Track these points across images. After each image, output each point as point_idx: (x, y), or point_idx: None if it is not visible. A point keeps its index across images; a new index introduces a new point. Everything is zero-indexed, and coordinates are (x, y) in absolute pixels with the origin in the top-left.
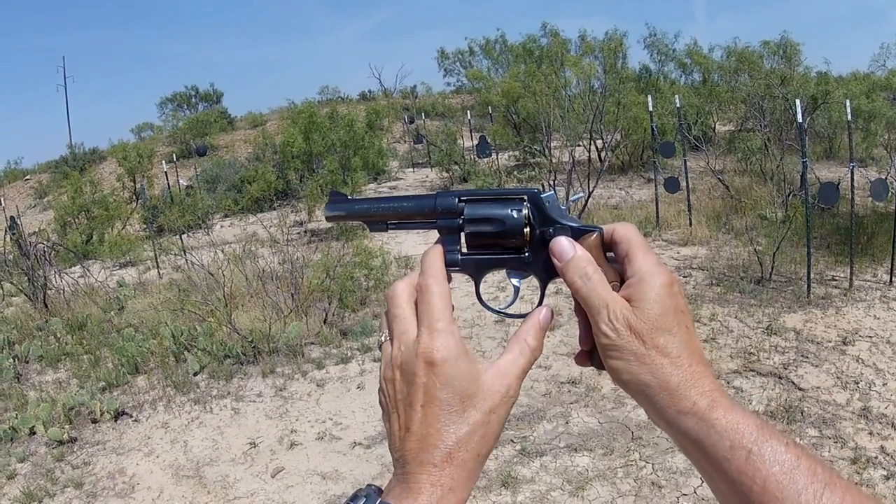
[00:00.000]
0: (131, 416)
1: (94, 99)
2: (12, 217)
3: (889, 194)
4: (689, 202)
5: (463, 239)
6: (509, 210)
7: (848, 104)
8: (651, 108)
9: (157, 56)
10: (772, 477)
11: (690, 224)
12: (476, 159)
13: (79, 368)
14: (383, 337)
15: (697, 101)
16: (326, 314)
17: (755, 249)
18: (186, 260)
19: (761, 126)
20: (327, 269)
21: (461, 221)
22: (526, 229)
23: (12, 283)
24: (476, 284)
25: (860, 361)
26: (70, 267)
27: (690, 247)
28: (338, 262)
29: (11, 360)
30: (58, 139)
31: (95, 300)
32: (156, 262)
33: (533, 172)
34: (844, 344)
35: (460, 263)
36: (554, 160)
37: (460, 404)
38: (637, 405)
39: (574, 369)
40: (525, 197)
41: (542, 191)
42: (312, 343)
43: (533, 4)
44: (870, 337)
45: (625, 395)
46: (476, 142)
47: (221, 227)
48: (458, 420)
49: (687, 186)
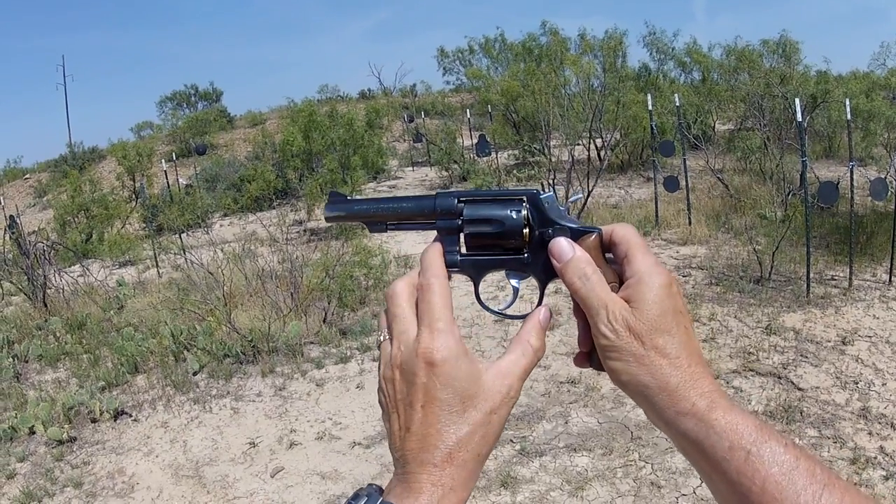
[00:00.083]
0: (131, 416)
1: (94, 98)
2: (12, 216)
3: (888, 193)
4: (689, 201)
5: (462, 239)
6: (508, 211)
7: (847, 103)
8: (650, 107)
9: (157, 55)
10: (771, 478)
11: (690, 223)
12: (475, 158)
13: (78, 368)
14: (382, 336)
15: (697, 100)
16: (326, 313)
17: (754, 249)
18: (186, 259)
19: (761, 125)
20: (327, 269)
21: (460, 222)
22: (525, 230)
23: (12, 283)
24: (475, 285)
25: (859, 361)
26: (69, 266)
27: (690, 246)
28: (337, 262)
29: (11, 360)
30: (57, 138)
31: (95, 299)
32: (155, 262)
33: (532, 171)
34: (844, 344)
35: (459, 264)
36: (553, 159)
37: (461, 404)
38: (636, 405)
39: (573, 369)
40: (524, 198)
41: (542, 191)
42: (312, 342)
43: (533, 4)
44: (869, 337)
45: (624, 395)
46: (475, 141)
47: (221, 227)
48: (459, 420)
49: (686, 185)
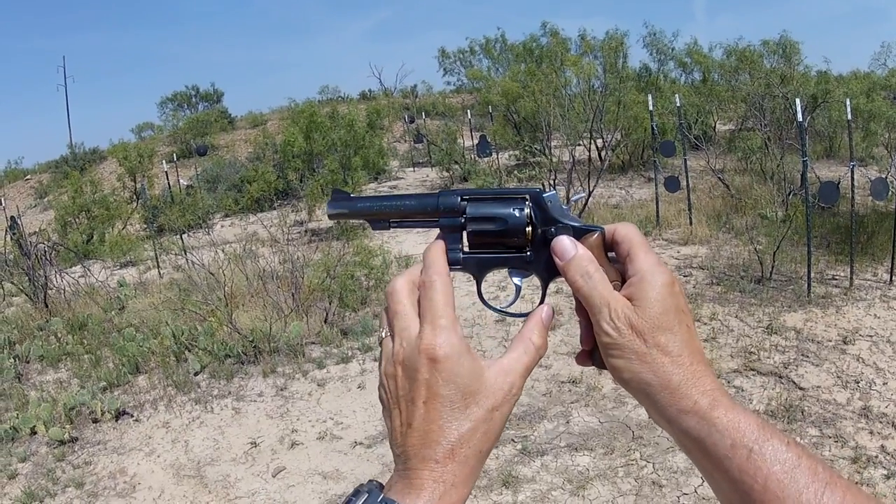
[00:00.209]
0: (132, 416)
1: (95, 99)
2: (13, 217)
3: (889, 193)
4: (690, 201)
5: (465, 238)
6: (511, 209)
7: (848, 103)
8: (651, 108)
9: (158, 56)
10: (773, 476)
11: (691, 223)
12: (476, 159)
13: (80, 368)
14: (384, 333)
15: (698, 101)
16: (327, 314)
17: (755, 249)
18: (187, 259)
19: (761, 125)
20: (328, 269)
21: (463, 220)
22: (528, 228)
23: (13, 283)
24: (478, 283)
25: (860, 361)
26: (71, 267)
27: (691, 246)
28: (338, 262)
29: (12, 360)
30: (58, 139)
31: (96, 300)
32: (156, 262)
33: (533, 172)
34: (845, 343)
35: (462, 262)
36: (554, 159)
37: (462, 401)
38: (638, 404)
39: (575, 369)
40: (527, 196)
41: (544, 190)
42: (313, 343)
43: (533, 4)
44: (870, 336)
45: (625, 395)
46: (476, 141)
47: (222, 227)
48: (461, 416)
49: (687, 186)
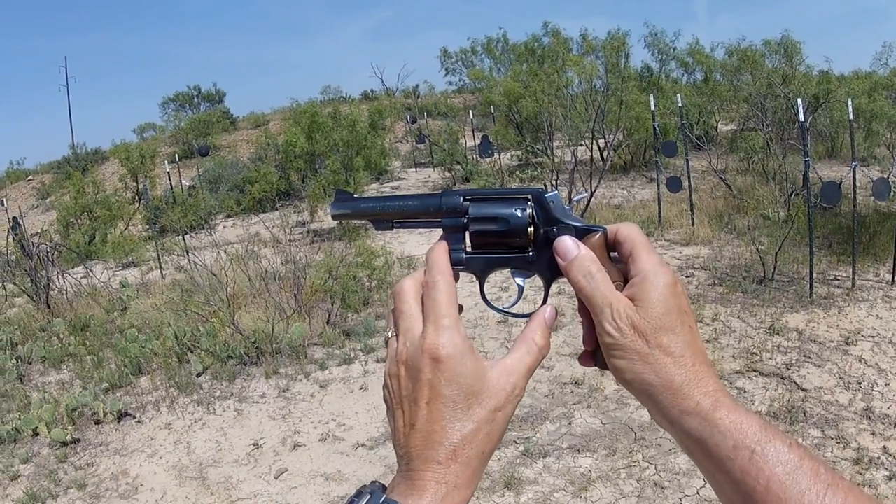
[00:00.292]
0: (134, 417)
1: (97, 99)
2: (15, 217)
3: (891, 193)
4: (692, 202)
5: (467, 238)
6: (514, 209)
7: (850, 103)
8: (653, 108)
9: (160, 56)
10: (775, 477)
11: (693, 224)
12: (478, 159)
13: (82, 369)
14: (389, 333)
15: (699, 101)
16: (329, 315)
17: (757, 249)
18: (189, 260)
19: (763, 125)
20: (330, 270)
21: (466, 220)
22: (530, 228)
23: (15, 284)
24: (480, 283)
25: (863, 361)
26: (73, 267)
27: (693, 246)
28: (340, 263)
29: (14, 361)
30: (60, 139)
31: (98, 301)
32: (158, 263)
33: (535, 172)
34: (847, 344)
35: (465, 262)
36: (556, 160)
37: (465, 401)
38: (640, 406)
39: (577, 370)
40: (529, 196)
41: (547, 190)
42: (315, 344)
43: (535, 4)
44: (872, 337)
45: (628, 396)
46: (478, 141)
47: (224, 228)
48: (464, 417)
49: (689, 186)
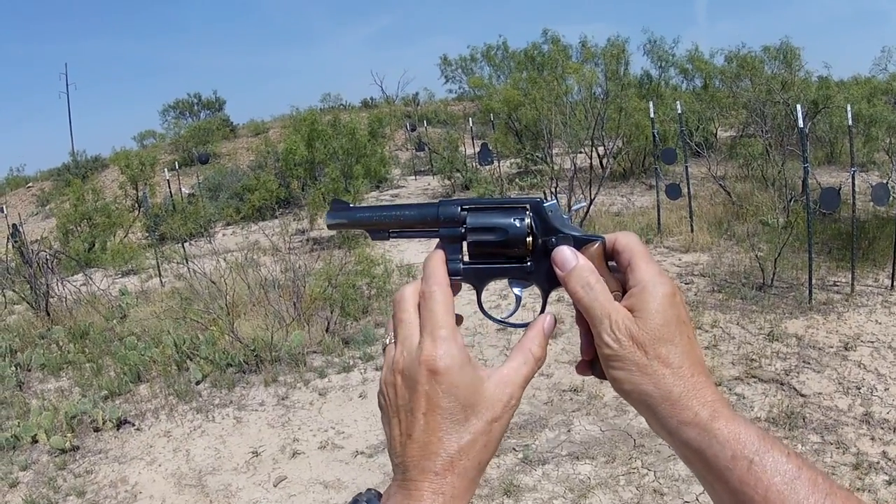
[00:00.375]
0: (133, 425)
1: (97, 106)
2: (14, 225)
3: (890, 199)
4: (691, 208)
5: (465, 248)
6: (512, 219)
7: (849, 109)
8: (652, 115)
9: (160, 63)
10: (773, 487)
11: (692, 230)
12: (478, 167)
13: (81, 377)
14: (388, 339)
15: (699, 107)
16: (328, 323)
17: (757, 255)
18: (188, 268)
19: (762, 131)
20: (329, 278)
21: (463, 230)
22: (528, 238)
23: (14, 291)
24: (478, 294)
25: (862, 367)
26: (72, 275)
27: (692, 253)
28: (340, 271)
29: (14, 369)
30: (60, 147)
31: (98, 308)
32: (158, 271)
33: (535, 180)
34: (846, 349)
35: (462, 272)
36: (556, 167)
37: (462, 413)
38: (641, 415)
39: (576, 377)
40: (527, 206)
41: (545, 200)
42: (314, 352)
43: (534, 11)
44: (871, 342)
45: (626, 403)
46: (478, 149)
47: (223, 236)
48: (461, 429)
49: (688, 193)
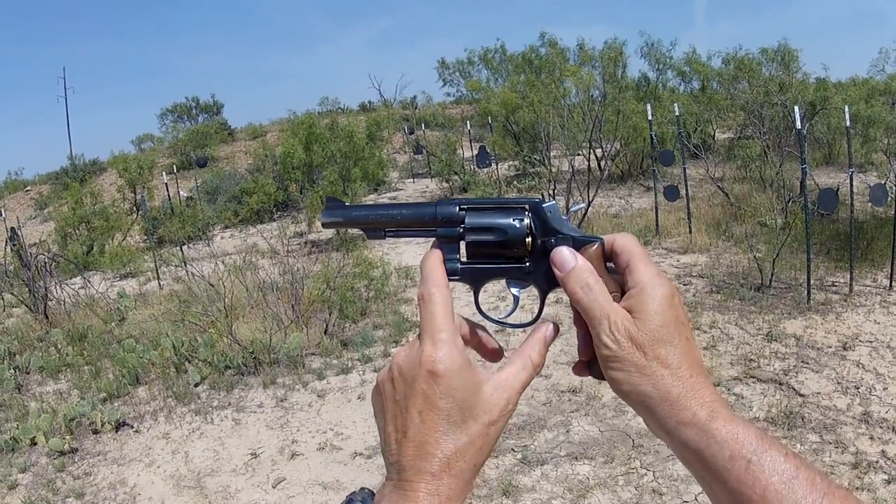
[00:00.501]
0: (132, 427)
1: (95, 110)
2: (13, 228)
3: (888, 199)
4: (689, 210)
5: (462, 248)
6: (511, 219)
7: (847, 110)
8: (650, 117)
9: (158, 67)
10: (771, 487)
11: (690, 232)
12: (476, 169)
13: (80, 379)
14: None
15: (696, 109)
16: (327, 325)
17: (755, 256)
18: (187, 271)
19: (760, 133)
20: (328, 280)
21: (461, 230)
22: (527, 239)
23: (13, 295)
24: (475, 294)
25: (860, 366)
26: (71, 278)
27: (690, 254)
28: (338, 273)
29: (12, 371)
30: (58, 150)
31: (96, 311)
32: (156, 274)
33: (533, 182)
34: (845, 349)
35: (460, 272)
36: (554, 170)
37: (460, 415)
38: (639, 416)
39: (574, 378)
40: (527, 206)
41: (544, 200)
42: (313, 354)
43: (532, 14)
44: (870, 342)
45: (625, 404)
46: (476, 152)
47: (222, 239)
48: (458, 430)
49: (686, 194)
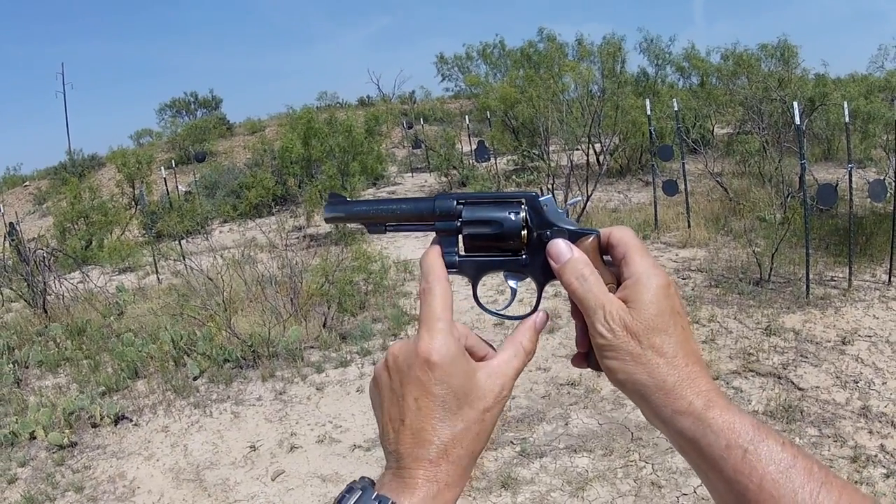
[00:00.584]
0: (131, 421)
1: (94, 105)
2: (12, 223)
3: (887, 195)
4: (688, 205)
5: (461, 241)
6: (507, 213)
7: (846, 106)
8: (649, 112)
9: (157, 63)
10: (768, 476)
11: (689, 226)
12: (475, 164)
13: (79, 373)
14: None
15: (695, 105)
16: (325, 318)
17: (754, 251)
18: (186, 265)
19: (759, 128)
20: (326, 274)
21: (459, 224)
22: (523, 232)
23: (12, 289)
24: (473, 286)
25: (859, 361)
26: (69, 272)
27: (689, 249)
28: (337, 267)
29: (11, 366)
30: (57, 145)
31: (95, 305)
32: (155, 268)
33: (531, 177)
34: (843, 344)
35: (458, 265)
36: (552, 164)
37: (455, 401)
38: (636, 406)
39: (573, 371)
40: (523, 200)
41: (541, 194)
42: (312, 347)
43: (532, 12)
44: (869, 336)
45: (624, 397)
46: (474, 146)
47: (220, 233)
48: (454, 417)
49: (685, 189)
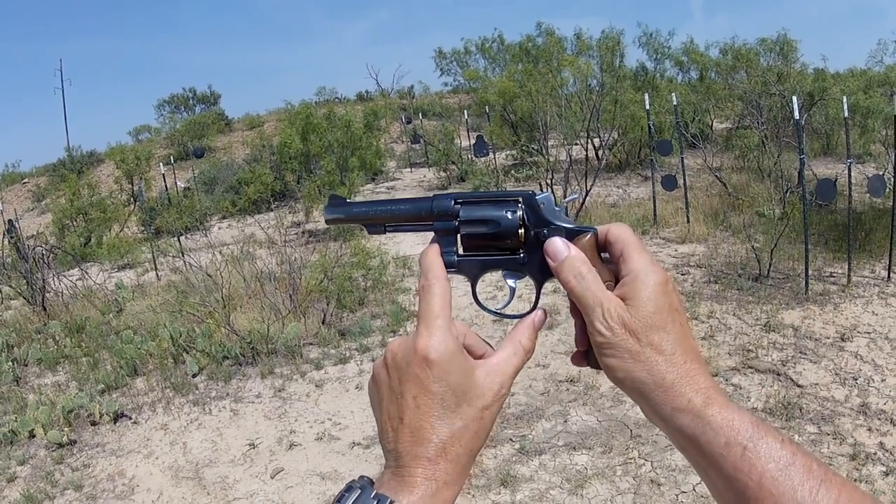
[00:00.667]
0: (130, 418)
1: (92, 102)
2: (10, 220)
3: (887, 190)
4: (687, 200)
5: (459, 240)
6: (504, 211)
7: (845, 100)
8: (648, 107)
9: (155, 59)
10: (767, 473)
11: (688, 221)
12: (473, 159)
13: (78, 371)
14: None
15: (694, 99)
16: (325, 315)
17: (753, 246)
18: (185, 262)
19: (758, 123)
20: (325, 270)
21: (457, 223)
22: (521, 230)
23: (11, 287)
24: (472, 285)
25: (859, 357)
26: (68, 270)
27: (688, 244)
28: (336, 263)
29: (10, 364)
30: (55, 142)
31: (94, 303)
32: (154, 265)
33: (530, 171)
34: (843, 340)
35: (457, 264)
36: (551, 159)
37: (454, 399)
38: (635, 404)
39: (572, 368)
40: (520, 199)
41: (538, 193)
42: (311, 344)
43: (530, 6)
44: (868, 333)
45: (623, 394)
46: (473, 141)
47: (219, 229)
48: (452, 415)
49: (684, 184)
